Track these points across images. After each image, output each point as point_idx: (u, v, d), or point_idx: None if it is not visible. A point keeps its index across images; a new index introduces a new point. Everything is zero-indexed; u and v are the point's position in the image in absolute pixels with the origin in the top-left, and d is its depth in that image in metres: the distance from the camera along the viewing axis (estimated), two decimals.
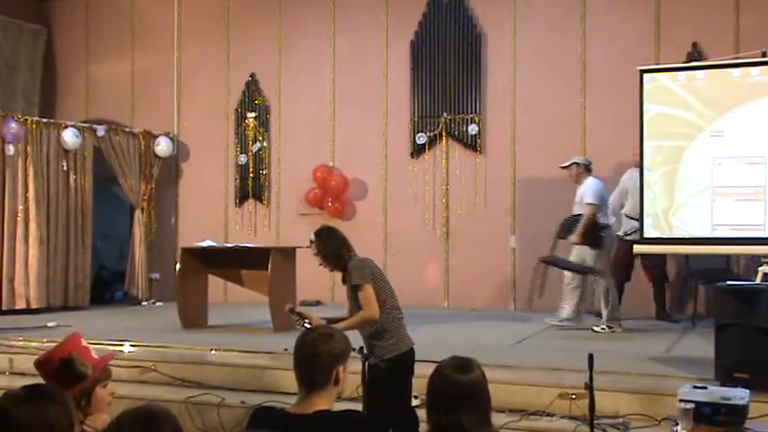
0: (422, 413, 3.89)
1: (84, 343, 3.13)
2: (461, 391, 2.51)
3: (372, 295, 4.46)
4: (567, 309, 7.64)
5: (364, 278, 4.47)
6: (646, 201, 6.54)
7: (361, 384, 4.49)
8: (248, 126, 10.78)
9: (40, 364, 3.01)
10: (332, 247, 4.64)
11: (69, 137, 9.82)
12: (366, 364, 4.44)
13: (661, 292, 8.34)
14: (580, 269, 7.56)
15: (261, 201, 10.71)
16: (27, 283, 9.37)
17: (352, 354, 4.20)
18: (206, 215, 10.80)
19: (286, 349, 5.67)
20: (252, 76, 10.79)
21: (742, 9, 8.61)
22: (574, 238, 7.51)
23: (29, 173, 9.47)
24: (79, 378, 2.96)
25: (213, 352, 6.45)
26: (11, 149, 9.31)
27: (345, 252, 4.62)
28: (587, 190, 7.53)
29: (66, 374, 2.94)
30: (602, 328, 7.47)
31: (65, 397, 2.26)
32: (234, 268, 8.12)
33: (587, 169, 7.75)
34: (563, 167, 7.95)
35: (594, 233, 7.42)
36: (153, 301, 10.59)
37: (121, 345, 6.67)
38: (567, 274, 7.65)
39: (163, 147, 10.78)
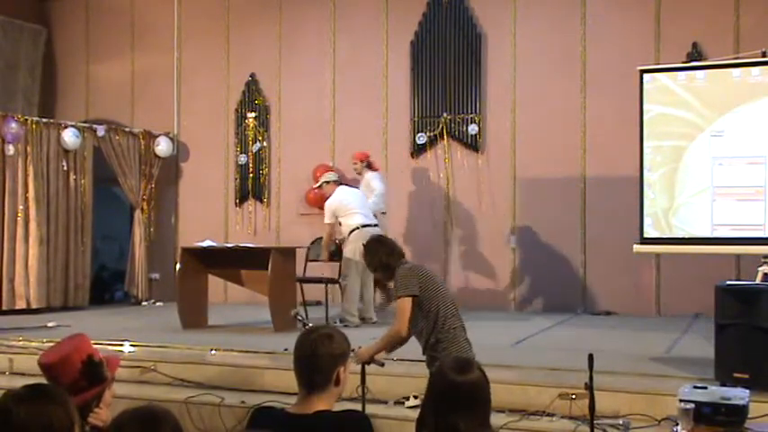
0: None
1: (93, 345, 3.11)
2: (459, 392, 2.47)
3: (405, 309, 4.31)
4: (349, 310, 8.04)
5: (406, 289, 4.33)
6: (646, 201, 6.54)
7: (361, 385, 4.49)
8: (248, 126, 10.78)
9: (52, 366, 2.91)
10: (378, 258, 4.53)
11: (69, 137, 9.82)
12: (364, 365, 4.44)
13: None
14: (324, 281, 8.38)
15: (261, 201, 10.71)
16: (27, 283, 9.36)
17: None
18: (206, 215, 10.80)
19: (286, 349, 5.67)
20: (252, 76, 10.79)
21: (742, 9, 8.61)
22: (324, 256, 8.37)
23: (29, 173, 9.47)
24: (101, 381, 2.94)
25: (213, 352, 6.45)
26: (11, 149, 9.31)
27: (394, 261, 4.49)
28: (325, 209, 8.20)
29: (89, 377, 2.90)
30: (335, 322, 7.83)
31: (65, 397, 2.26)
32: (234, 268, 8.11)
33: (337, 183, 8.32)
34: (315, 188, 8.68)
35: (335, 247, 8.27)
36: (153, 301, 10.59)
37: (121, 345, 6.68)
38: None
39: (163, 147, 10.78)
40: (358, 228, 7.89)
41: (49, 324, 8.12)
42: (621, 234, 8.29)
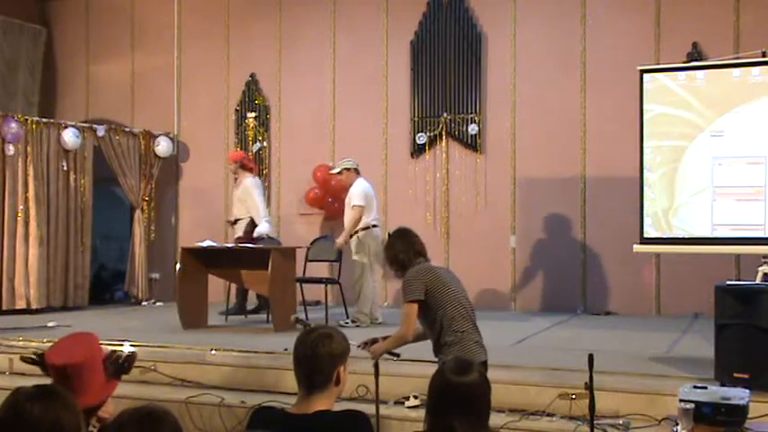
0: (419, 413, 3.94)
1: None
2: (456, 393, 2.47)
3: (410, 313, 4.30)
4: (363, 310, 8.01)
5: (410, 294, 4.32)
6: (646, 201, 6.54)
7: (375, 381, 4.46)
8: (248, 126, 10.78)
9: (74, 366, 2.86)
10: (393, 253, 4.51)
11: (69, 137, 9.82)
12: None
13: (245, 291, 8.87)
14: (323, 281, 8.36)
15: None
16: (27, 284, 9.36)
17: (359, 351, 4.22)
18: (206, 215, 10.80)
19: (286, 349, 5.67)
20: (252, 76, 10.78)
21: (742, 9, 8.61)
22: (340, 240, 8.13)
23: (29, 173, 9.46)
24: (123, 374, 3.01)
25: (213, 352, 6.45)
26: (11, 149, 9.31)
27: (408, 258, 4.45)
28: (354, 192, 8.04)
29: (115, 372, 2.96)
30: (346, 322, 7.79)
31: (74, 400, 2.28)
32: (234, 268, 8.11)
33: (357, 171, 8.22)
34: (334, 173, 8.59)
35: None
36: (153, 301, 10.58)
37: (121, 345, 6.66)
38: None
39: (163, 147, 10.78)
40: (369, 227, 7.92)
41: (49, 324, 8.12)
42: (621, 234, 8.30)
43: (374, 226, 7.99)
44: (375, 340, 4.47)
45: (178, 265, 8.09)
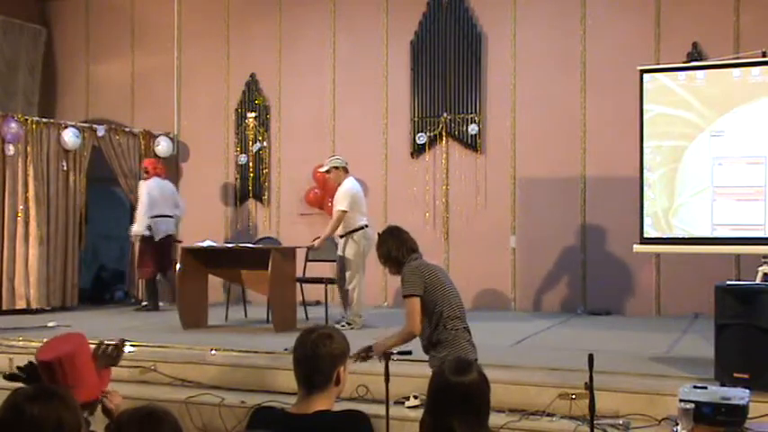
0: (419, 413, 3.93)
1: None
2: (455, 393, 2.46)
3: (414, 309, 4.32)
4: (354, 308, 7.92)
5: (411, 289, 4.35)
6: (646, 201, 6.55)
7: (385, 383, 4.45)
8: (248, 126, 10.78)
9: (61, 359, 2.94)
10: (386, 249, 4.54)
11: (69, 137, 9.81)
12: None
13: (153, 286, 9.59)
14: (323, 281, 8.24)
15: (261, 201, 10.71)
16: (27, 283, 9.36)
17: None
18: (206, 215, 10.79)
19: (286, 349, 5.67)
20: (252, 76, 10.78)
21: (742, 9, 8.61)
22: (318, 242, 8.01)
23: (29, 173, 9.46)
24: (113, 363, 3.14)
25: (213, 352, 6.45)
26: (11, 149, 9.31)
27: (402, 255, 4.49)
28: (341, 194, 7.87)
29: (105, 362, 3.12)
30: (342, 325, 7.65)
31: (74, 400, 2.28)
32: (234, 268, 8.12)
33: (345, 170, 8.05)
34: (323, 172, 8.37)
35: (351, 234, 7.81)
36: None
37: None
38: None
39: (163, 147, 10.78)
40: (363, 227, 7.86)
41: (49, 324, 8.12)
42: (621, 234, 8.31)
43: (366, 226, 7.86)
44: (369, 348, 4.47)
45: (178, 265, 8.09)
